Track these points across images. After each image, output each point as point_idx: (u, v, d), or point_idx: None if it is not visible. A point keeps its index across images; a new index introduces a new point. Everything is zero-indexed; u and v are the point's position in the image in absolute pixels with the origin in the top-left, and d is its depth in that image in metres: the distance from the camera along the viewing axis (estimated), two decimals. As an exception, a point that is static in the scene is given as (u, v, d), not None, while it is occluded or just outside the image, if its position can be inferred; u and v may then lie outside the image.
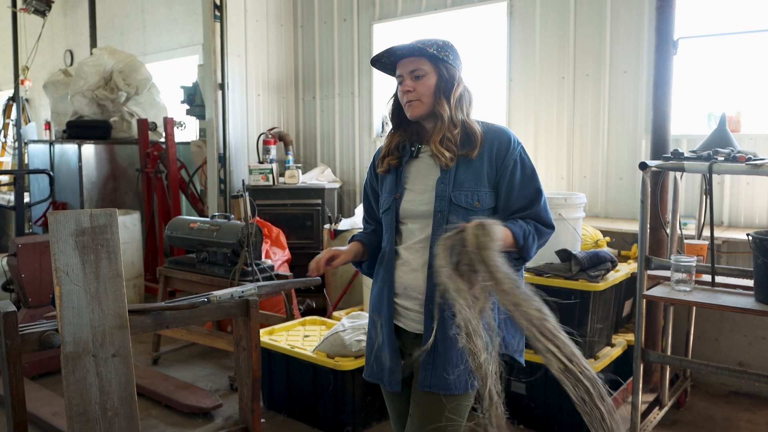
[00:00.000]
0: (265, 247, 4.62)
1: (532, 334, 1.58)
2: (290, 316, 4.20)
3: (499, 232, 1.72)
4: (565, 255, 3.33)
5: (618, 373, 3.60)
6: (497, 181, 1.95)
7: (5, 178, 8.86)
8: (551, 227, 1.96)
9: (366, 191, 2.21)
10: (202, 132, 6.29)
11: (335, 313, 4.43)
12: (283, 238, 4.94)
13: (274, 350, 3.62)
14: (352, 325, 3.47)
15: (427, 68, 1.93)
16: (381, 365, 2.05)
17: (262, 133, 5.68)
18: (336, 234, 4.87)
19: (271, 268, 4.18)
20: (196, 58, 7.24)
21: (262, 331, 3.60)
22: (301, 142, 6.28)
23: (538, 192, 1.96)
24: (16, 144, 9.42)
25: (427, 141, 2.01)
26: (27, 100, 10.40)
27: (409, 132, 2.04)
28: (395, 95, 2.04)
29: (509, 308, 1.62)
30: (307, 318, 4.10)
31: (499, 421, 1.59)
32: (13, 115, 9.85)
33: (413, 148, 2.02)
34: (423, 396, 1.95)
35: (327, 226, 5.01)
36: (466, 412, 1.98)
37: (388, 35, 5.62)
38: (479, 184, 1.92)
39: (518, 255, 1.89)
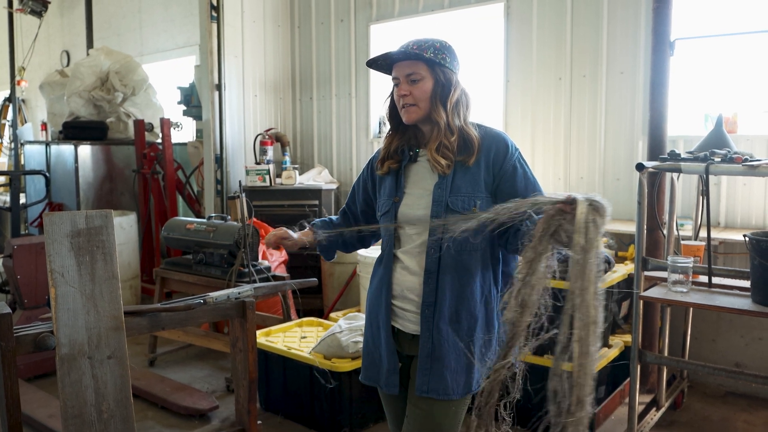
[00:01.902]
0: (261, 248, 4.61)
1: (566, 326, 1.55)
2: (287, 318, 4.20)
3: (609, 215, 1.66)
4: (561, 256, 3.32)
5: (615, 374, 3.60)
6: (495, 187, 1.93)
7: (1, 179, 8.83)
8: None
9: (355, 187, 2.22)
10: (199, 133, 6.29)
11: (332, 315, 4.42)
12: (280, 239, 4.92)
13: (271, 352, 3.61)
14: (349, 326, 3.47)
15: (423, 72, 1.92)
16: (378, 368, 2.05)
17: (259, 134, 5.68)
18: (333, 235, 4.86)
19: (268, 269, 4.17)
20: (192, 59, 7.23)
21: (258, 332, 3.59)
22: (298, 143, 6.27)
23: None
24: (13, 145, 9.39)
25: (425, 145, 2.00)
26: (23, 100, 10.38)
27: (407, 135, 2.04)
28: (391, 95, 2.03)
29: (574, 291, 1.59)
30: (304, 319, 4.09)
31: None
32: (10, 115, 9.81)
33: (411, 153, 2.02)
34: (420, 400, 1.95)
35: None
36: (462, 416, 1.98)
37: (385, 36, 5.62)
38: (476, 190, 1.91)
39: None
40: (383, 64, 2.01)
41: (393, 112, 2.05)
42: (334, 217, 2.33)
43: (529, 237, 1.65)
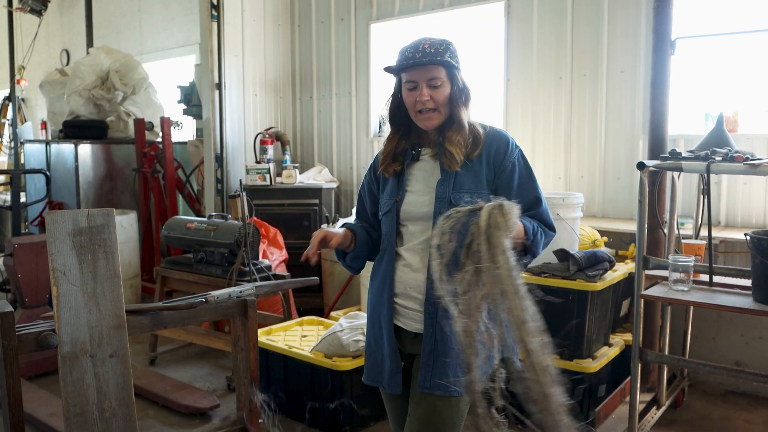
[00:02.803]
0: (262, 247, 4.62)
1: (513, 330, 1.57)
2: (288, 316, 4.20)
3: (516, 216, 1.65)
4: (562, 255, 3.33)
5: (615, 372, 3.60)
6: (495, 183, 1.95)
7: (1, 178, 8.83)
8: (553, 230, 1.97)
9: (361, 194, 2.19)
10: (199, 132, 6.28)
11: (333, 313, 4.42)
12: (280, 238, 4.93)
13: (272, 350, 3.61)
14: (349, 325, 3.47)
15: (443, 77, 1.91)
16: (381, 368, 2.05)
17: (259, 133, 5.67)
18: (333, 234, 4.86)
19: (269, 268, 4.18)
20: (193, 58, 7.23)
21: (259, 331, 3.59)
22: (299, 142, 6.27)
23: (538, 195, 1.97)
24: (13, 144, 9.39)
25: (428, 143, 2.01)
26: (23, 99, 10.37)
27: (412, 136, 2.03)
28: (394, 96, 2.03)
29: (495, 297, 1.59)
30: (305, 318, 4.10)
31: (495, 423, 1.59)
32: (10, 114, 9.81)
33: (414, 152, 2.02)
34: (422, 397, 1.95)
35: (324, 225, 5.01)
36: (465, 412, 1.97)
37: (385, 35, 5.62)
38: (479, 186, 1.93)
39: (526, 251, 1.88)
40: (402, 66, 1.95)
41: (396, 114, 2.04)
42: (354, 223, 2.22)
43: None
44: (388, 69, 1.99)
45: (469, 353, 1.64)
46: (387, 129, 2.12)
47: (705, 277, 3.03)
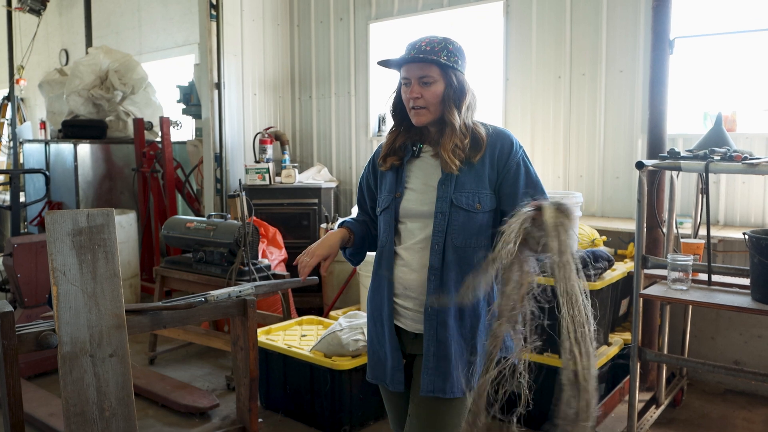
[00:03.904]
0: (261, 246, 4.62)
1: (565, 329, 1.56)
2: (287, 316, 4.20)
3: (576, 217, 1.70)
4: (561, 254, 3.33)
5: (615, 371, 3.61)
6: (499, 183, 1.95)
7: (1, 178, 8.83)
8: None
9: (361, 185, 2.21)
10: (199, 131, 6.29)
11: (332, 313, 4.43)
12: (279, 238, 4.93)
13: (272, 350, 3.61)
14: (349, 324, 3.47)
15: (436, 75, 1.91)
16: (383, 366, 2.05)
17: (259, 133, 5.68)
18: (333, 233, 4.86)
19: (268, 267, 4.18)
20: (192, 58, 7.23)
21: (259, 330, 3.60)
22: (298, 142, 6.27)
23: (545, 195, 1.95)
24: (12, 143, 9.39)
25: (429, 141, 2.01)
26: (22, 99, 10.37)
27: (411, 132, 2.04)
28: (397, 91, 2.03)
29: (560, 294, 1.59)
30: (304, 317, 4.10)
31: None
32: (9, 114, 9.81)
33: (414, 148, 2.02)
34: (423, 399, 1.95)
35: (324, 225, 5.01)
36: (465, 414, 1.98)
37: (384, 34, 5.62)
38: (480, 186, 1.93)
39: None
40: (392, 61, 2.00)
41: (398, 109, 2.04)
42: (353, 217, 2.26)
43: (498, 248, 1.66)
44: (381, 63, 2.01)
45: (492, 354, 1.64)
46: (387, 127, 2.13)
47: (704, 276, 3.04)
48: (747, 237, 2.74)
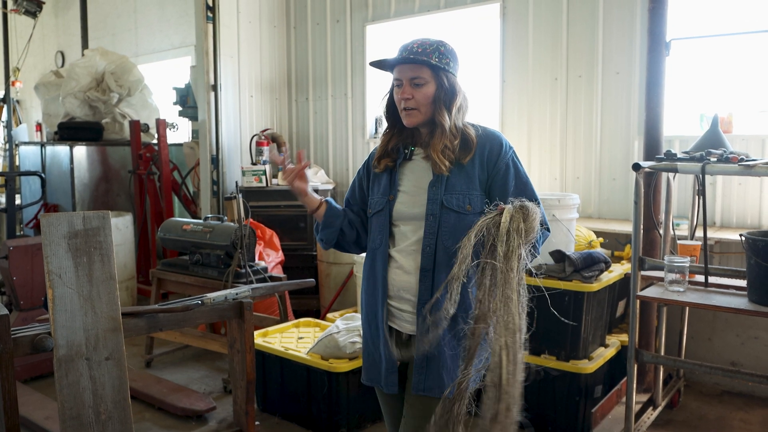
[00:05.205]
0: (258, 248, 4.61)
1: (496, 334, 1.59)
2: (284, 318, 4.19)
3: (538, 220, 1.70)
4: (558, 256, 3.33)
5: (612, 373, 3.61)
6: (489, 184, 1.96)
7: (-3, 180, 8.81)
8: (548, 230, 1.98)
9: (354, 183, 2.21)
10: (195, 133, 6.27)
11: (329, 315, 4.42)
12: (276, 240, 4.92)
13: (268, 352, 3.61)
14: (346, 326, 3.47)
15: (427, 77, 1.92)
16: (377, 368, 2.05)
17: (255, 135, 5.67)
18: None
19: (265, 269, 4.17)
20: (188, 60, 7.22)
21: (256, 333, 3.59)
22: (294, 144, 6.27)
23: (535, 195, 1.97)
24: (7, 146, 9.36)
25: (421, 143, 2.02)
26: (18, 101, 10.34)
27: (405, 134, 2.05)
28: (390, 92, 2.04)
29: (498, 300, 1.61)
30: (301, 320, 4.09)
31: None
32: (4, 116, 9.79)
33: (406, 150, 2.03)
34: (416, 399, 1.96)
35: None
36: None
37: (381, 36, 5.62)
38: (471, 188, 1.94)
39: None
40: (385, 62, 2.01)
41: (391, 111, 2.05)
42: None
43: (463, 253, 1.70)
44: (374, 64, 2.03)
45: (471, 355, 1.65)
46: (384, 128, 2.14)
47: (700, 278, 3.04)
48: (744, 238, 2.74)
